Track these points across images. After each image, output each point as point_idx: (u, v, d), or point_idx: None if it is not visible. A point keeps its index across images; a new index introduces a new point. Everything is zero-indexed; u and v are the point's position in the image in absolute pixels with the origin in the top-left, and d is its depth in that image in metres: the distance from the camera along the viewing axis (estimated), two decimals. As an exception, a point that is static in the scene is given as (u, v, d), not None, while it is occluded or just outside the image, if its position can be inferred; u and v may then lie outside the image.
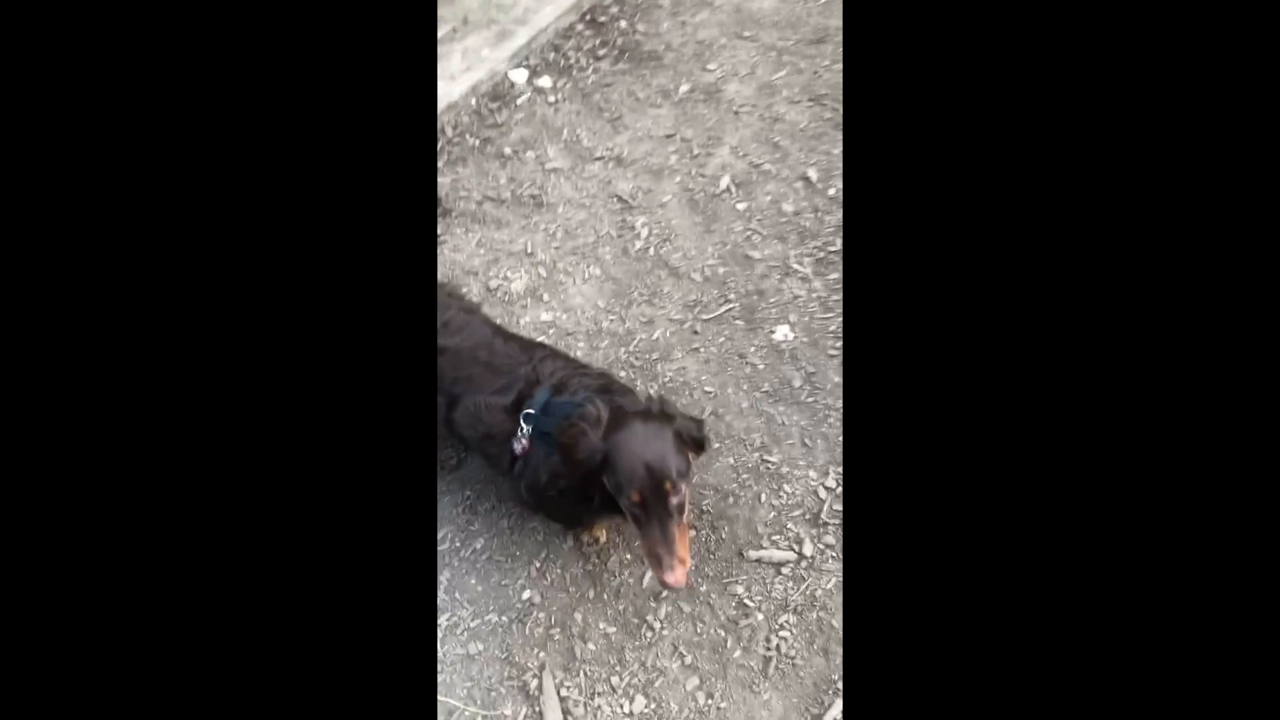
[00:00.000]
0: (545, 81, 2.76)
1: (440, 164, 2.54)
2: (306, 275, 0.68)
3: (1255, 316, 0.49)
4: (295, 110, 0.68)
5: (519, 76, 2.78)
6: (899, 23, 0.65)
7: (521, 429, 1.41)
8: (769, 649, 1.50)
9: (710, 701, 1.46)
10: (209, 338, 0.65)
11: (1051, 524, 0.59)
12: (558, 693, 1.50)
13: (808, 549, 1.61)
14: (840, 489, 1.68)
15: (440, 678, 1.56)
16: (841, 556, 1.59)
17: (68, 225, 0.61)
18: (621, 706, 1.48)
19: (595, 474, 1.27)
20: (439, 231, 2.34)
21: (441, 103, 2.64)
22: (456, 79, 2.71)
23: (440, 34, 2.85)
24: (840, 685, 1.44)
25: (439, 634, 1.62)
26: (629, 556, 1.66)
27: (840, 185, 2.21)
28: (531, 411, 1.40)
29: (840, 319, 1.96)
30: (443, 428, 1.55)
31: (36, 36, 0.59)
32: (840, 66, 2.49)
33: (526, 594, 1.64)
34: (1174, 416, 0.54)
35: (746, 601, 1.57)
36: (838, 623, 1.51)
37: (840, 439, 1.75)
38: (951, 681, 0.61)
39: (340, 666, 0.64)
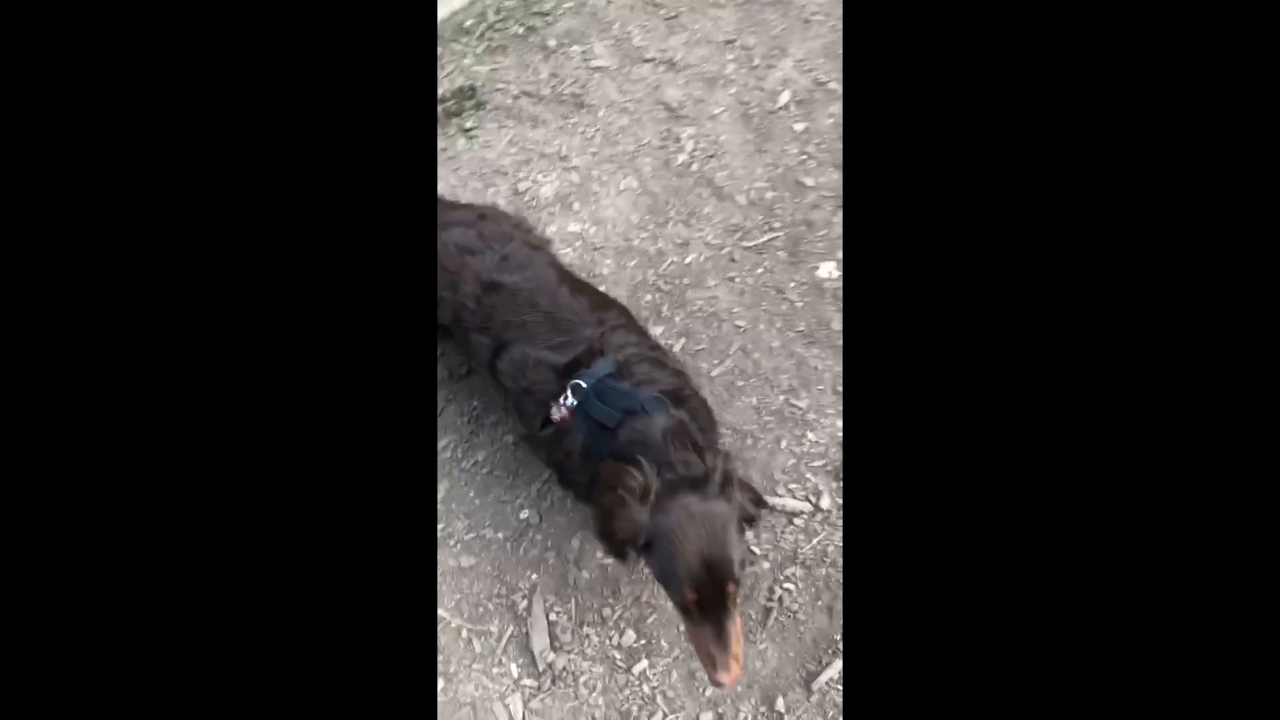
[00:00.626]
0: (600, -31, 2.50)
1: (478, 50, 2.35)
2: (299, 180, 0.62)
3: (1255, 315, 0.50)
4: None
5: (572, -39, 2.52)
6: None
7: (566, 397, 1.24)
8: (770, 599, 1.43)
9: (702, 645, 1.40)
10: (201, 240, 0.60)
11: (1058, 492, 0.56)
12: (547, 616, 1.46)
13: (825, 502, 1.51)
14: (869, 443, 1.56)
15: (430, 586, 1.53)
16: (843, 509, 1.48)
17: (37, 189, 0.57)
18: (611, 638, 1.43)
19: (633, 546, 1.10)
20: (465, 128, 2.18)
21: (485, -17, 2.42)
22: (503, -43, 2.47)
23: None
24: (841, 646, 1.36)
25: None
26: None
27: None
28: (583, 384, 1.22)
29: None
30: (484, 371, 1.41)
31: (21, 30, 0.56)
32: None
33: (525, 513, 1.58)
34: (1176, 382, 0.53)
35: (753, 548, 1.48)
36: (847, 582, 1.42)
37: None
38: (953, 644, 0.58)
39: (339, 575, 0.61)
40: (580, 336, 1.28)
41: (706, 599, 1.05)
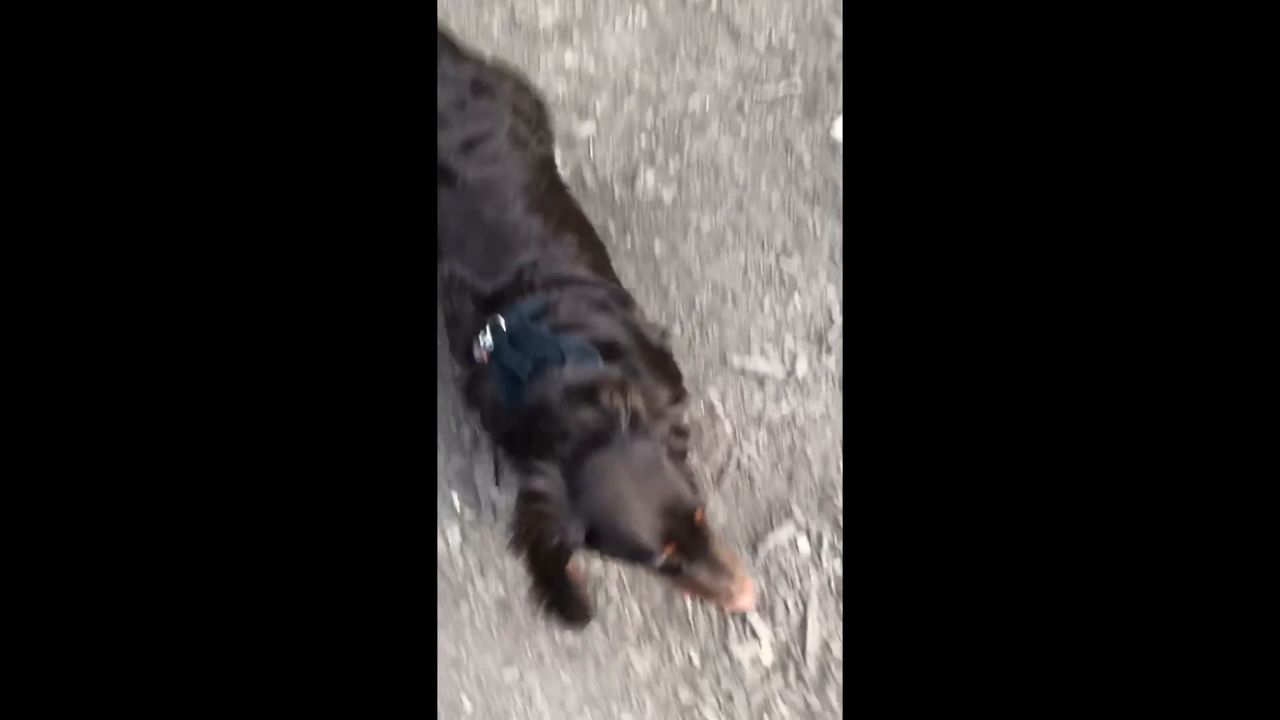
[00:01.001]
0: None
1: None
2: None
3: (1257, 316, 0.50)
4: None
5: None
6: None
7: (485, 334, 1.06)
8: (727, 460, 1.35)
9: (650, 497, 1.34)
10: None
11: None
12: (494, 452, 1.40)
13: (801, 367, 1.40)
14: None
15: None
16: (841, 381, 1.37)
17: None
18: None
19: (575, 548, 0.94)
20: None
21: None
22: None
23: None
24: (793, 510, 1.29)
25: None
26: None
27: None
28: (502, 326, 1.04)
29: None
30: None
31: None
32: None
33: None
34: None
35: (717, 407, 1.39)
36: (812, 450, 1.33)
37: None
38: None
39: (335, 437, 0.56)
40: (511, 264, 1.06)
41: (686, 544, 0.93)
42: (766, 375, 1.40)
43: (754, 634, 1.22)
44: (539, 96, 1.36)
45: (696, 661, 1.22)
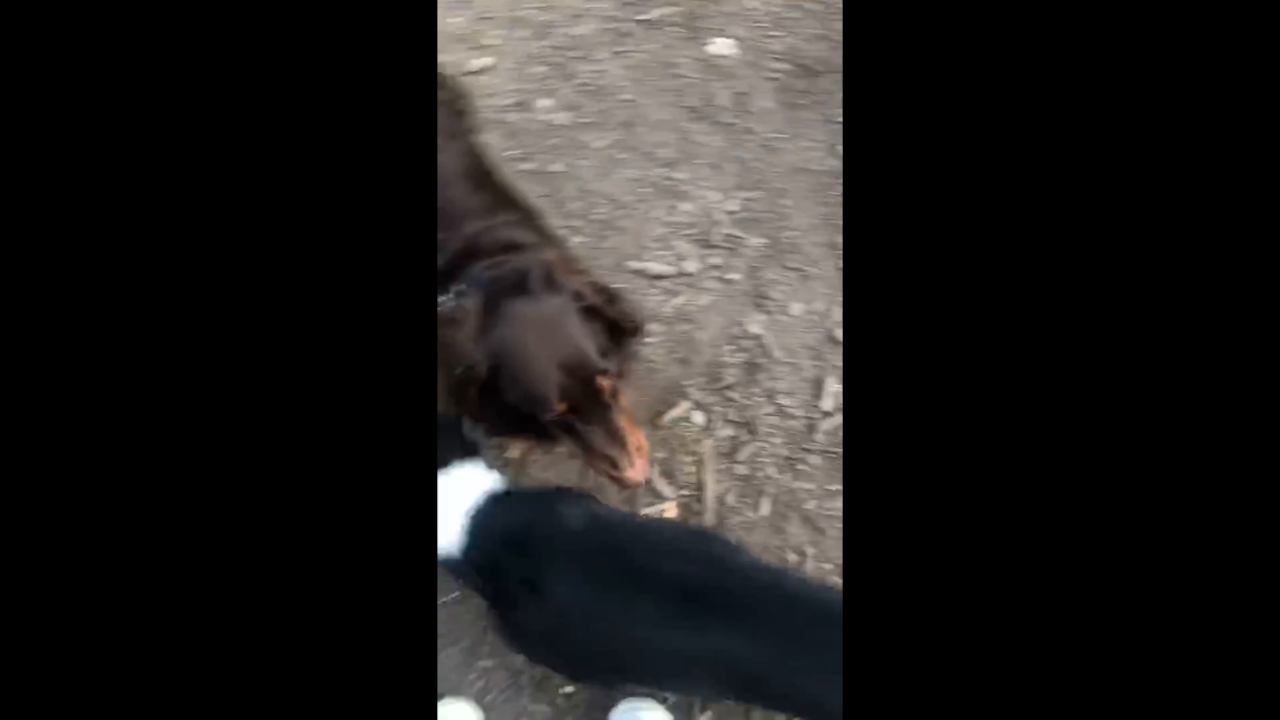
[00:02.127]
0: None
1: None
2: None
3: (1258, 317, 0.48)
4: None
5: None
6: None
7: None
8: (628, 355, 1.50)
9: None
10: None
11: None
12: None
13: (691, 265, 1.55)
14: (742, 213, 1.59)
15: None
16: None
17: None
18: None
19: (488, 389, 0.94)
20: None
21: None
22: None
23: None
24: (688, 390, 1.46)
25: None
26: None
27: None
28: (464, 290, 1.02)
29: (787, 39, 1.72)
30: None
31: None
32: None
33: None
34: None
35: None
36: (702, 336, 1.50)
37: (754, 164, 1.62)
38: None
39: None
40: (458, 234, 1.06)
41: (580, 404, 0.95)
42: (660, 274, 1.55)
43: (659, 496, 1.40)
44: (459, 87, 1.38)
45: (610, 525, 1.39)
